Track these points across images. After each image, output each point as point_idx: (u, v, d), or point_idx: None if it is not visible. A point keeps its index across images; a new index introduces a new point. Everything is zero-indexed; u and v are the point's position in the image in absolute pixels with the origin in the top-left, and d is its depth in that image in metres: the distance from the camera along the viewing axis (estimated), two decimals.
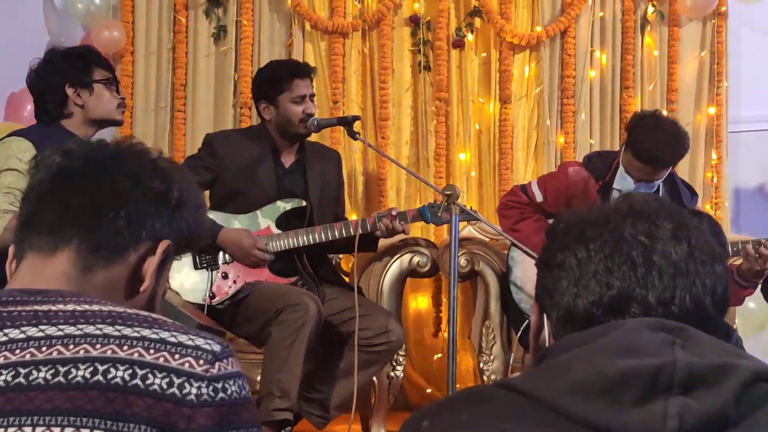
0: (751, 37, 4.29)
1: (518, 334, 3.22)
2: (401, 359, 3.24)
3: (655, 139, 2.93)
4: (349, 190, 3.88)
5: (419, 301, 3.95)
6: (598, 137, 4.09)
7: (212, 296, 3.01)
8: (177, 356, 0.90)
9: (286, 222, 3.12)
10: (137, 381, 0.87)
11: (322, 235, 3.06)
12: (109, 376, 0.87)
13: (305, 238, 3.07)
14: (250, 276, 3.04)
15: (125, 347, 0.89)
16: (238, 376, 0.92)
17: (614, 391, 0.80)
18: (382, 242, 3.25)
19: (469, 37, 4.05)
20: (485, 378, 3.28)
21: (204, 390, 0.89)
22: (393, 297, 3.27)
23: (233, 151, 3.14)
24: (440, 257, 3.29)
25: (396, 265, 3.28)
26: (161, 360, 0.89)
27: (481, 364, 3.30)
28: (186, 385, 0.88)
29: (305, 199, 3.14)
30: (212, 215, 3.11)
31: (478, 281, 3.37)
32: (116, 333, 0.90)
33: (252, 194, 3.12)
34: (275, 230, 3.10)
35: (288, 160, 3.20)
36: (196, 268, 3.06)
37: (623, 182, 3.04)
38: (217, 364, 0.91)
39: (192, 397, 0.88)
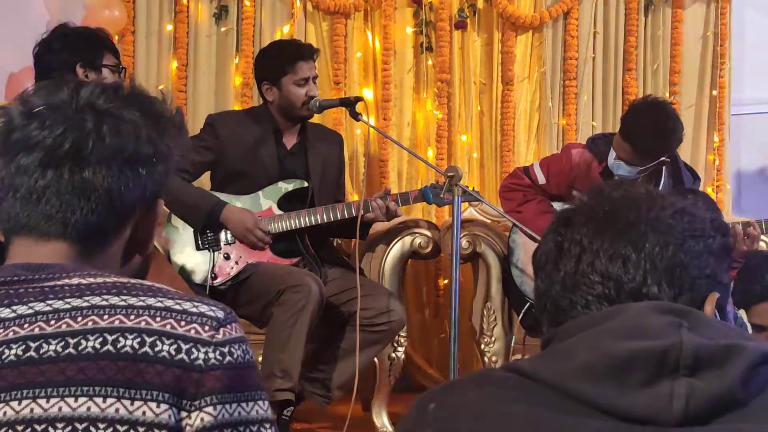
0: (754, 19, 4.27)
1: (520, 317, 3.22)
2: (402, 340, 3.25)
3: (642, 123, 2.93)
4: (351, 171, 3.88)
5: (420, 283, 3.96)
6: (600, 119, 4.08)
7: (214, 277, 3.01)
8: (183, 323, 0.91)
9: (287, 203, 3.12)
10: (146, 348, 0.88)
11: (324, 216, 3.06)
12: (119, 346, 0.88)
13: (307, 219, 3.07)
14: (252, 257, 3.04)
15: (132, 316, 0.90)
16: (242, 341, 0.93)
17: (621, 373, 0.80)
18: (383, 225, 3.25)
19: (472, 18, 4.03)
20: (486, 360, 3.29)
21: (211, 355, 0.90)
22: (394, 278, 3.27)
23: (235, 132, 3.13)
24: (442, 239, 3.29)
25: (397, 247, 3.28)
26: (168, 327, 0.90)
27: (483, 346, 3.31)
28: (194, 350, 0.90)
29: (307, 181, 3.14)
30: (214, 195, 3.11)
31: (480, 263, 3.37)
32: (122, 303, 0.91)
33: (254, 175, 3.11)
34: (277, 211, 3.10)
35: (290, 141, 3.19)
36: (198, 248, 3.06)
37: (613, 162, 3.03)
38: (221, 330, 0.92)
39: (200, 362, 0.89)
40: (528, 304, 3.17)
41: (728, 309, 0.95)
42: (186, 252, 3.05)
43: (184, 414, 0.88)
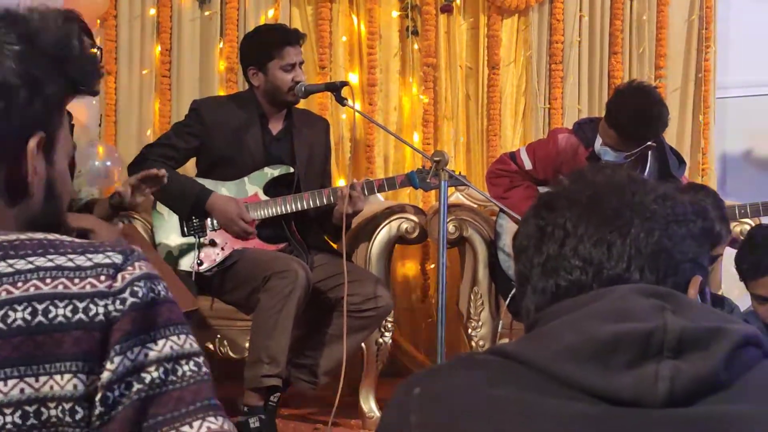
0: (739, 2, 4.27)
1: (506, 301, 3.23)
2: (389, 325, 3.25)
3: (627, 110, 2.93)
4: (337, 156, 3.86)
5: (407, 268, 3.96)
6: (587, 103, 4.08)
7: (200, 263, 3.01)
8: (77, 280, 0.83)
9: (273, 189, 3.11)
10: (39, 318, 0.80)
11: (310, 201, 3.06)
12: (9, 321, 0.80)
13: (293, 204, 3.06)
14: (238, 243, 3.04)
15: (20, 284, 0.81)
16: (148, 278, 0.85)
17: (606, 355, 0.80)
18: (369, 210, 3.24)
19: (458, 1, 4.01)
20: (473, 344, 3.30)
21: (111, 307, 0.82)
22: (381, 263, 3.27)
23: (220, 117, 3.12)
24: (428, 223, 3.29)
25: (384, 232, 3.28)
26: (60, 288, 0.82)
27: (470, 330, 3.32)
28: (91, 306, 0.82)
29: (292, 166, 3.13)
30: (200, 182, 3.10)
31: (467, 248, 3.37)
32: (9, 270, 0.82)
33: (239, 161, 3.10)
34: (263, 197, 3.10)
35: (276, 126, 3.18)
36: (183, 235, 3.05)
37: (599, 148, 3.04)
38: (119, 276, 0.84)
39: (101, 317, 0.81)
40: (515, 288, 3.17)
41: (706, 291, 0.95)
42: (171, 238, 3.04)
43: (94, 377, 0.81)
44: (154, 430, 0.81)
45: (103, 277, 0.83)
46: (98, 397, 0.81)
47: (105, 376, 0.81)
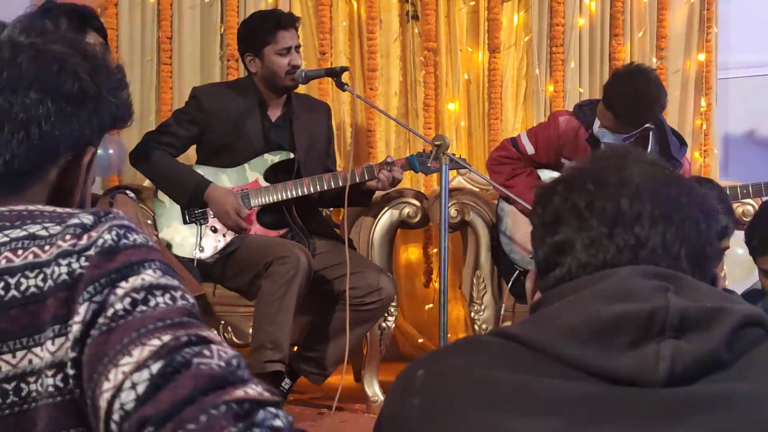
0: None
1: (509, 285, 3.23)
2: (393, 310, 3.25)
3: (624, 93, 2.92)
4: (338, 141, 3.86)
5: (410, 252, 3.96)
6: (588, 86, 4.07)
7: (202, 250, 3.01)
8: (47, 247, 0.80)
9: (274, 175, 3.11)
10: (12, 292, 0.77)
11: (311, 187, 3.06)
12: None
13: (293, 190, 3.06)
14: None
15: None
16: (120, 227, 0.81)
17: (608, 335, 0.81)
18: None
19: None
20: (476, 327, 3.31)
21: (75, 265, 0.78)
22: (384, 249, 3.27)
23: (220, 104, 3.11)
24: (430, 208, 3.29)
25: (386, 217, 3.28)
26: (30, 257, 0.79)
27: (472, 314, 3.33)
28: (55, 269, 0.78)
29: (292, 152, 3.13)
30: (200, 169, 3.11)
31: (469, 231, 3.38)
32: None
33: (239, 148, 3.10)
34: (263, 183, 3.10)
35: (275, 113, 3.18)
36: (185, 222, 3.05)
37: (598, 130, 3.03)
38: (86, 235, 0.80)
39: (64, 276, 0.78)
40: (517, 271, 3.18)
41: (719, 283, 0.96)
42: (173, 226, 3.05)
43: (62, 340, 0.76)
44: (119, 353, 0.73)
45: (68, 236, 0.80)
46: (71, 356, 0.76)
47: (75, 329, 0.76)
